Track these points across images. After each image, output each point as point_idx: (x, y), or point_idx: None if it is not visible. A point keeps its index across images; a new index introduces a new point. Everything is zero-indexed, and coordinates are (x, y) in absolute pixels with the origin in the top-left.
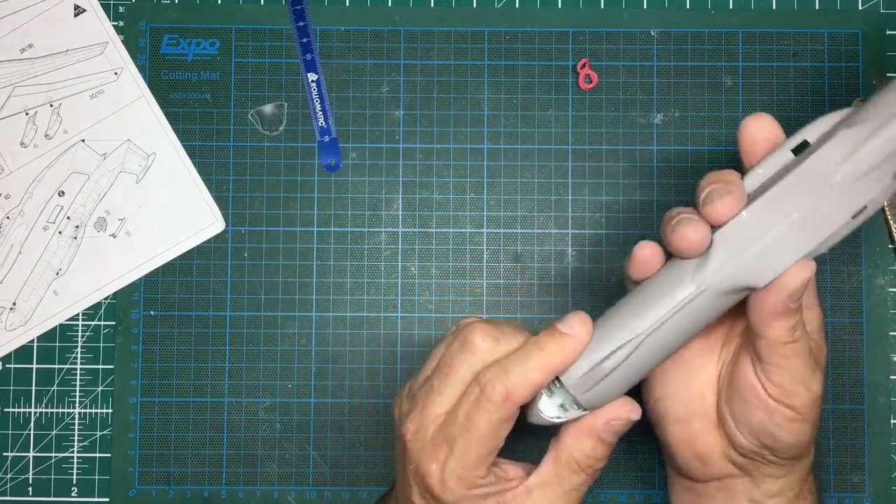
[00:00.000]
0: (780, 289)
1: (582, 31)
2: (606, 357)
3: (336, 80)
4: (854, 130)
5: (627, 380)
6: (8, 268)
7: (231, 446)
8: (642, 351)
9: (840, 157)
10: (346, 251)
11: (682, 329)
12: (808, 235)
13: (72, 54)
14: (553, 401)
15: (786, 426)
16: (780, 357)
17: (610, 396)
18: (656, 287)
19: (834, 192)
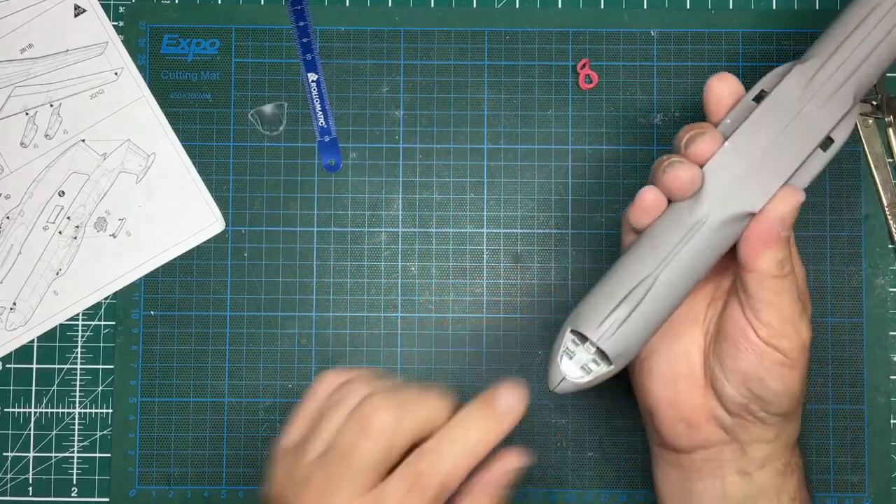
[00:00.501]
0: (771, 214)
1: (582, 31)
2: (621, 301)
3: (336, 80)
4: (807, 64)
5: (648, 324)
6: (8, 268)
7: (231, 446)
8: (656, 291)
9: (800, 86)
10: (346, 251)
11: (691, 265)
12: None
13: (72, 54)
14: (575, 361)
15: (775, 370)
16: (770, 293)
17: (634, 343)
18: (658, 230)
19: (800, 118)
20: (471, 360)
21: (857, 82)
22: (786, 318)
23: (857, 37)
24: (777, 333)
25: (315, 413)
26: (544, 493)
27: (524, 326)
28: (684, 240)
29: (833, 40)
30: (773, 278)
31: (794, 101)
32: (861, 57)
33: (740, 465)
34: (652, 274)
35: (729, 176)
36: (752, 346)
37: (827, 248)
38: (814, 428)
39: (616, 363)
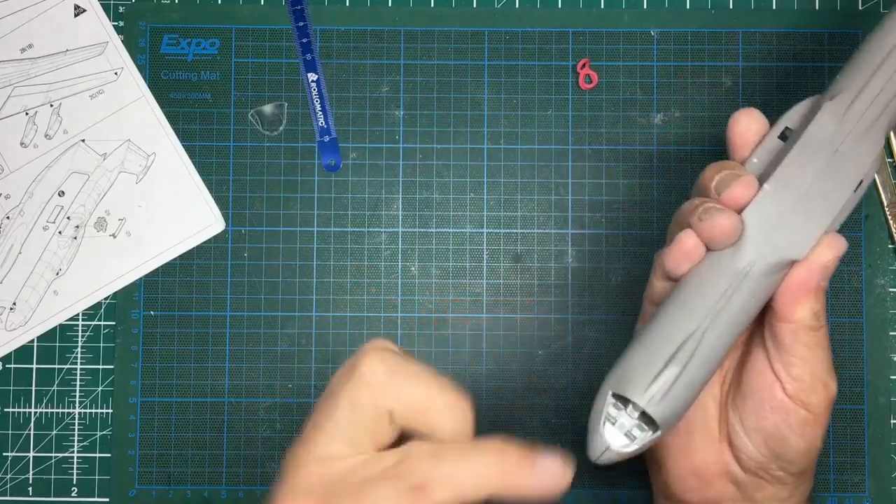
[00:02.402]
0: (815, 263)
1: (582, 31)
2: (670, 360)
3: (336, 80)
4: (837, 100)
5: (696, 383)
6: (8, 268)
7: (231, 446)
8: (704, 347)
9: (834, 123)
10: (346, 251)
11: (738, 317)
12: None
13: (72, 54)
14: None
15: (799, 429)
16: (804, 346)
17: (683, 406)
18: (700, 279)
19: (836, 158)
20: (471, 360)
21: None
22: (817, 372)
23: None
24: (807, 389)
25: None
26: None
27: (524, 326)
28: (729, 291)
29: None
30: (808, 330)
31: (829, 141)
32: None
33: None
34: (699, 328)
35: (770, 221)
36: (779, 404)
37: None
38: None
39: (664, 429)
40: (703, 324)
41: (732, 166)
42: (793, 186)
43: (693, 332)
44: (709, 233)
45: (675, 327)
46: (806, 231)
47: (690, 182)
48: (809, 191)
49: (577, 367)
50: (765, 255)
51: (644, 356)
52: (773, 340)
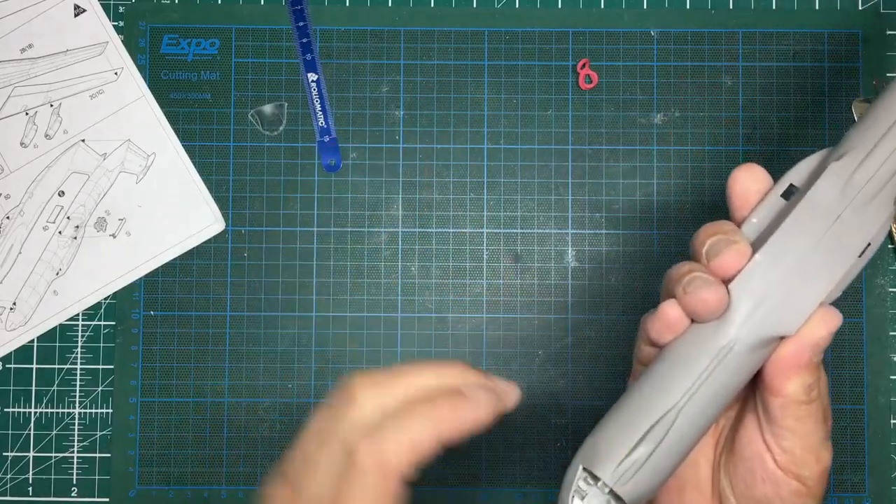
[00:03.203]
0: (806, 339)
1: (582, 31)
2: (642, 439)
3: (336, 80)
4: (843, 162)
5: (669, 463)
6: (8, 268)
7: (231, 446)
8: (679, 427)
9: (837, 188)
10: (346, 251)
11: (718, 395)
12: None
13: (72, 54)
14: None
15: (790, 500)
16: (794, 419)
17: (655, 485)
18: (681, 352)
19: (837, 225)
20: (471, 360)
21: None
22: (808, 445)
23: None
24: (798, 461)
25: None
26: (543, 493)
27: (524, 326)
28: (710, 367)
29: (870, 135)
30: (799, 404)
31: (831, 206)
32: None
33: None
34: (675, 406)
35: (759, 293)
36: (769, 474)
37: None
38: None
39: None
40: (679, 402)
41: (727, 230)
42: (787, 257)
43: (669, 410)
44: (692, 306)
45: (652, 403)
46: (798, 305)
47: (691, 182)
48: (805, 262)
49: (577, 367)
50: (751, 331)
51: (616, 431)
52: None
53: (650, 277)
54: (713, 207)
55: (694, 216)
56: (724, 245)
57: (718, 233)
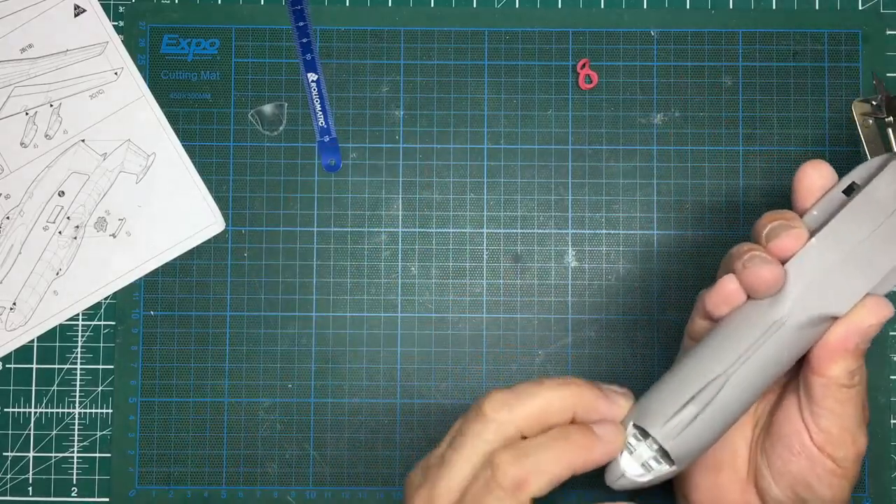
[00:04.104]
0: (854, 323)
1: (582, 31)
2: (690, 400)
3: (336, 80)
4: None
5: (716, 426)
6: (8, 268)
7: (231, 446)
8: (727, 392)
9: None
10: (346, 251)
11: (766, 367)
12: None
13: (72, 54)
14: (636, 457)
15: (825, 478)
16: (835, 401)
17: (701, 444)
18: (734, 324)
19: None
20: (471, 360)
21: None
22: (845, 427)
23: None
24: (834, 441)
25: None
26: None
27: (524, 326)
28: (761, 340)
29: None
30: (841, 388)
31: (888, 201)
32: None
33: None
34: (724, 373)
35: (814, 275)
36: (805, 451)
37: None
38: None
39: (679, 464)
40: (729, 369)
41: (788, 217)
42: (841, 244)
43: (718, 375)
44: (750, 281)
45: (702, 368)
46: (849, 289)
47: (691, 182)
48: (858, 249)
49: (577, 367)
50: (802, 309)
51: (667, 392)
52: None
53: (650, 277)
54: (713, 207)
55: (694, 216)
56: (783, 229)
57: (779, 219)
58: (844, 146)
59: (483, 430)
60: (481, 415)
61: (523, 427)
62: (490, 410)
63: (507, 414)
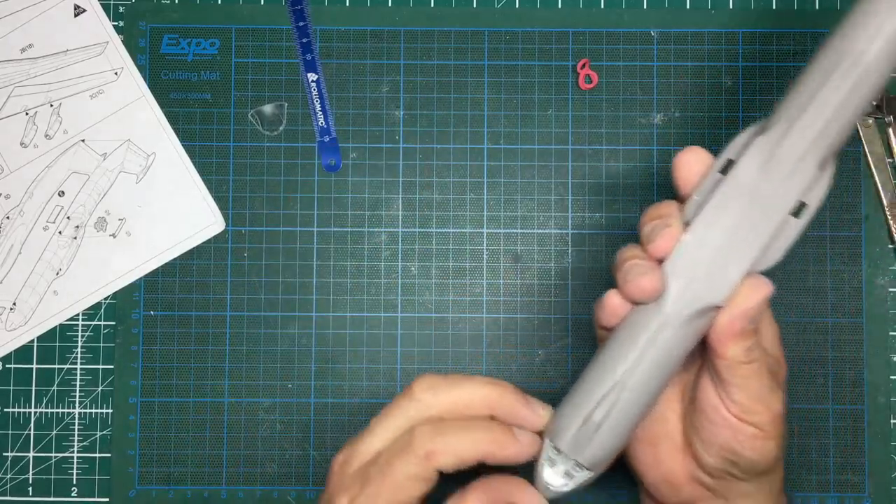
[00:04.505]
0: (737, 309)
1: (582, 31)
2: (594, 409)
3: (336, 80)
4: (767, 136)
5: (621, 429)
6: (8, 268)
7: (231, 446)
8: (627, 396)
9: (760, 162)
10: (346, 251)
11: (660, 365)
12: (751, 242)
13: (72, 54)
14: (556, 470)
15: (749, 443)
16: (739, 377)
17: (609, 450)
18: (625, 331)
19: (762, 196)
20: (471, 360)
21: (821, 151)
22: (755, 397)
23: (819, 103)
24: (748, 410)
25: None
26: None
27: (524, 326)
28: (650, 343)
29: (794, 108)
30: (740, 364)
31: (753, 181)
32: (823, 123)
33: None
34: (620, 381)
35: (691, 269)
36: (726, 422)
37: (827, 248)
38: (814, 428)
39: (595, 469)
40: (624, 377)
41: (665, 213)
42: (711, 234)
43: (614, 385)
44: (631, 293)
45: (599, 379)
46: (725, 277)
47: None
48: (729, 236)
49: (577, 368)
50: (683, 306)
51: (572, 406)
52: (712, 368)
53: None
54: None
55: None
56: (658, 230)
57: (657, 216)
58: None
59: (408, 407)
60: (410, 393)
61: (445, 412)
62: (418, 391)
63: (433, 397)
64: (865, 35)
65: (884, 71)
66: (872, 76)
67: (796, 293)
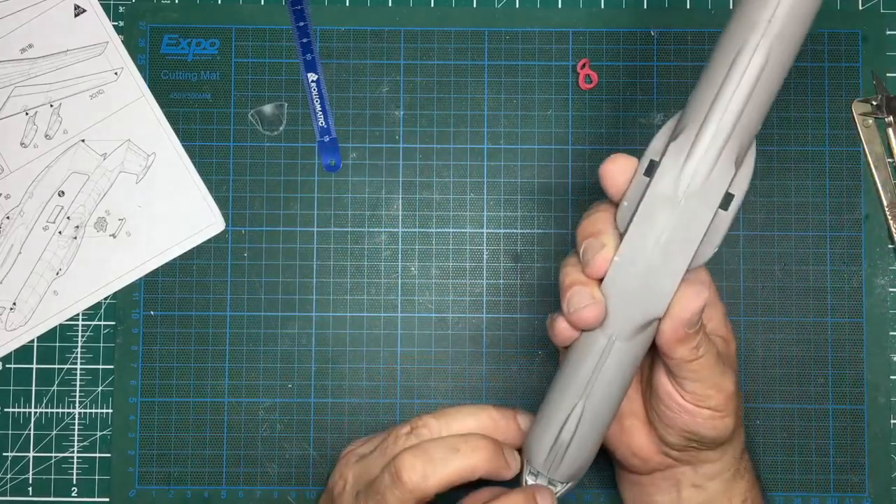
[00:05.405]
0: (677, 319)
1: (582, 31)
2: (561, 428)
3: (336, 80)
4: (679, 140)
5: (589, 444)
6: (8, 268)
7: (231, 446)
8: (588, 413)
9: (676, 169)
10: (346, 251)
11: (613, 380)
12: (683, 248)
13: (72, 54)
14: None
15: (707, 424)
16: (689, 371)
17: (581, 463)
18: (575, 353)
19: (686, 200)
20: (471, 360)
21: (737, 146)
22: (707, 384)
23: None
24: (701, 397)
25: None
26: None
27: (524, 326)
28: (600, 362)
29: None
30: (689, 362)
31: (673, 187)
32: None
33: (692, 480)
34: (578, 403)
35: (625, 290)
36: (682, 408)
37: (827, 248)
38: (814, 428)
39: (573, 480)
40: (580, 399)
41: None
42: (640, 251)
43: (573, 407)
44: (576, 322)
45: (559, 403)
46: (660, 289)
47: None
48: (661, 248)
49: None
50: (625, 323)
51: (540, 430)
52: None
53: None
54: None
55: None
56: (593, 251)
57: (591, 235)
58: (844, 146)
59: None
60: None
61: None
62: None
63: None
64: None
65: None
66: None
67: (796, 293)
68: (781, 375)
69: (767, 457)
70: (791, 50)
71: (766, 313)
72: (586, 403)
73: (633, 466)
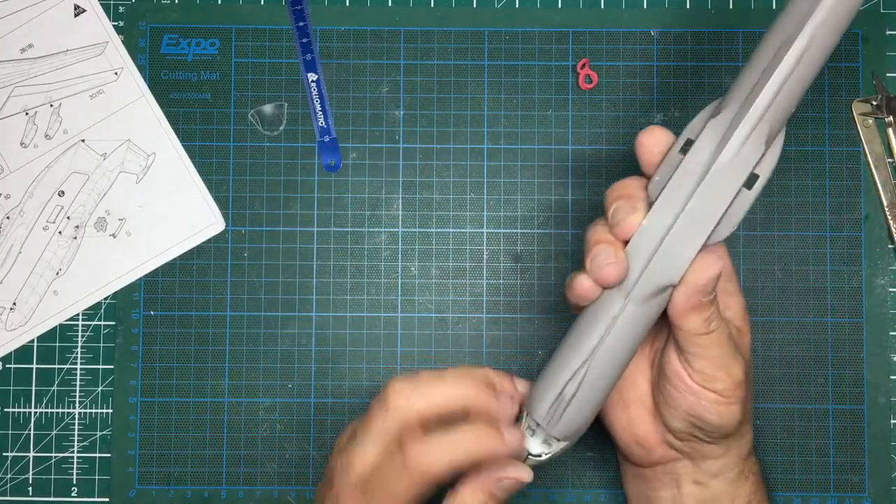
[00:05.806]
0: (691, 285)
1: (582, 31)
2: (565, 385)
3: (336, 80)
4: (719, 118)
5: (590, 403)
6: (8, 268)
7: (231, 446)
8: (594, 372)
9: (713, 145)
10: (346, 251)
11: (623, 342)
12: (707, 219)
13: (72, 54)
14: (536, 439)
15: (712, 408)
16: (698, 346)
17: (580, 422)
18: (592, 311)
19: (715, 175)
20: (471, 360)
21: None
22: (716, 364)
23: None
24: (709, 378)
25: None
26: (544, 493)
27: (524, 326)
28: (612, 321)
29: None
30: (700, 335)
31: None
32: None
33: (695, 476)
34: (585, 362)
35: (646, 255)
36: (689, 388)
37: (827, 248)
38: (814, 428)
39: (569, 440)
40: (588, 358)
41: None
42: (667, 218)
43: (580, 365)
44: (598, 279)
45: (568, 359)
46: (680, 258)
47: None
48: (686, 217)
49: None
50: (642, 288)
51: (545, 383)
52: (674, 339)
53: None
54: None
55: None
56: (624, 214)
57: (622, 196)
58: (844, 146)
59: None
60: (385, 404)
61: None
62: (393, 399)
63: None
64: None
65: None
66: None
67: (796, 293)
68: (781, 375)
69: (767, 457)
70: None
71: (765, 313)
72: (594, 360)
73: (636, 457)
